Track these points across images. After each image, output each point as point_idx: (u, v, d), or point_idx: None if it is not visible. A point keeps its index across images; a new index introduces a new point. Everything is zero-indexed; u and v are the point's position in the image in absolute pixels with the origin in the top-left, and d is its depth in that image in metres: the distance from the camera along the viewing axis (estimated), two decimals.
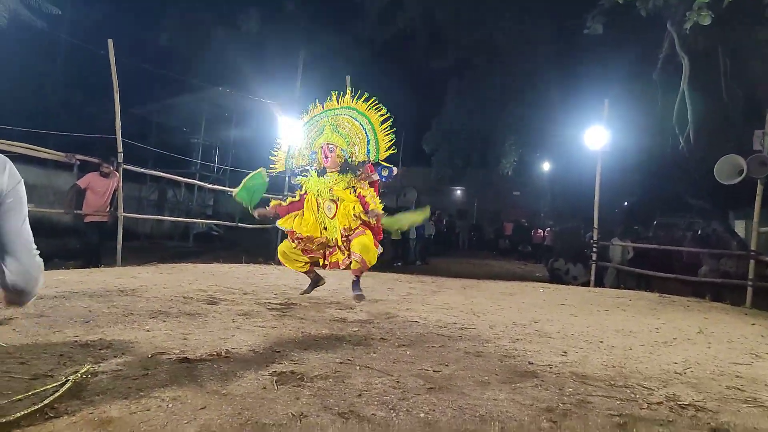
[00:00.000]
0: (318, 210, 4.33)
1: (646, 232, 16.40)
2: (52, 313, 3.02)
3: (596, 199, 9.26)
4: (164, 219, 14.74)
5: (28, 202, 1.71)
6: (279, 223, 4.56)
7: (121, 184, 7.14)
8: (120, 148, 7.18)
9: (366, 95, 4.51)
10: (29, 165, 12.93)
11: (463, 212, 27.98)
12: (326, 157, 4.31)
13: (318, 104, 4.70)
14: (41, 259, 1.68)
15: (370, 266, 4.23)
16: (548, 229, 18.96)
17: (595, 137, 9.32)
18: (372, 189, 4.34)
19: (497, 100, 17.16)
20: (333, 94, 4.62)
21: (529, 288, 6.97)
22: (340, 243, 4.27)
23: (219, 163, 17.25)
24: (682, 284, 9.40)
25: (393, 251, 15.07)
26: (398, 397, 1.94)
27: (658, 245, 11.53)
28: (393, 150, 4.40)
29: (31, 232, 1.70)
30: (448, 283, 7.17)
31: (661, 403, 2.04)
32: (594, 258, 9.25)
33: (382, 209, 4.27)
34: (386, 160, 4.52)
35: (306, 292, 4.69)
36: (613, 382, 2.33)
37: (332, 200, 4.27)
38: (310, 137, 4.59)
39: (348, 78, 9.40)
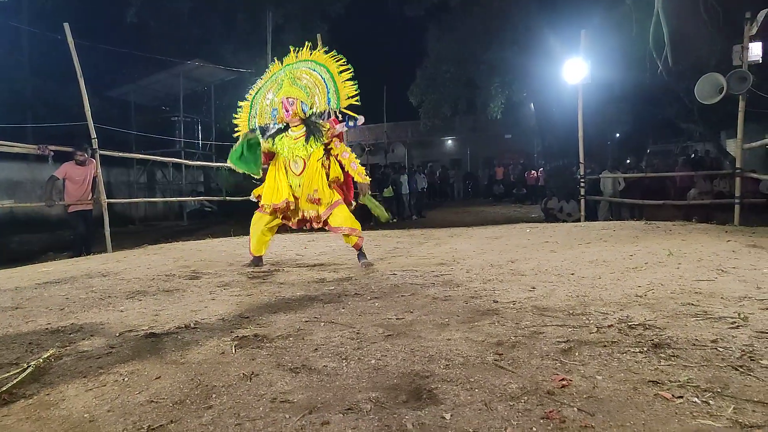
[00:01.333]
0: (286, 171, 4.33)
1: (638, 161, 16.37)
2: (29, 304, 3.07)
3: (580, 133, 9.18)
4: (151, 201, 14.75)
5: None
6: (254, 192, 4.60)
7: (99, 171, 7.12)
8: (93, 134, 7.13)
9: (326, 48, 4.52)
10: (12, 161, 12.87)
11: (455, 162, 27.86)
12: (287, 111, 4.28)
13: (277, 62, 4.71)
14: None
15: (359, 231, 4.31)
16: (541, 169, 18.93)
17: (573, 70, 9.17)
18: (350, 151, 4.40)
19: (478, 42, 16.73)
20: (291, 49, 4.60)
21: (516, 230, 7.01)
22: (313, 215, 4.33)
23: (203, 137, 17.09)
24: (675, 209, 9.47)
25: (387, 208, 15.12)
26: (353, 347, 1.99)
27: (647, 174, 11.54)
28: (356, 100, 4.30)
29: None
30: (436, 234, 7.24)
31: (612, 325, 2.08)
32: (582, 193, 9.27)
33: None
34: (356, 109, 4.46)
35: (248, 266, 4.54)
36: (571, 312, 2.38)
37: (300, 157, 4.28)
38: (271, 94, 4.60)
39: (319, 36, 9.18)
